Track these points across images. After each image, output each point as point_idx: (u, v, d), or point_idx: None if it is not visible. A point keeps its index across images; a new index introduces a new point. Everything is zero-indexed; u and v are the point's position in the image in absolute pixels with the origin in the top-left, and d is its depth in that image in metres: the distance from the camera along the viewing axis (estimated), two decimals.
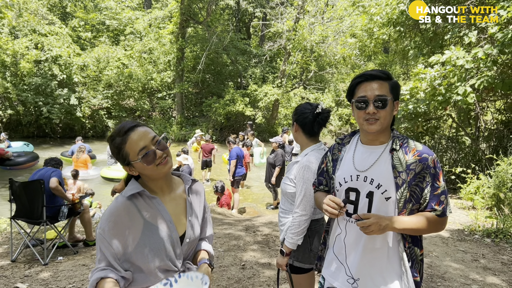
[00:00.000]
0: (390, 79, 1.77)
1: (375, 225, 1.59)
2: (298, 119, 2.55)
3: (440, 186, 1.70)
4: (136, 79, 21.94)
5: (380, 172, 1.74)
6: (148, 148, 1.56)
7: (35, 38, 19.38)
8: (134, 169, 1.60)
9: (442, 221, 1.73)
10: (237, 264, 4.62)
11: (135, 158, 1.55)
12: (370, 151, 1.82)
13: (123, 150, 1.57)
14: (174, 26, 22.58)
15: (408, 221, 1.66)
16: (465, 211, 7.40)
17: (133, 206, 1.58)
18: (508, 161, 7.05)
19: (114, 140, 1.59)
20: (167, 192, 1.72)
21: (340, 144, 2.00)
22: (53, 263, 4.87)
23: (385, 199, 1.72)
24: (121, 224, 1.54)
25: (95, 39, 25.31)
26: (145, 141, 1.56)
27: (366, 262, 1.78)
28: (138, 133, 1.57)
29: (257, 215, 8.50)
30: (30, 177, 5.31)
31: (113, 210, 1.55)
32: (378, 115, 1.72)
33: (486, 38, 7.83)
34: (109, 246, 1.52)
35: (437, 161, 1.71)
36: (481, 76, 6.75)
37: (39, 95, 18.95)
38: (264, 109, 23.19)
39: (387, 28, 10.01)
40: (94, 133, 22.08)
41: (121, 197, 1.59)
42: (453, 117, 10.27)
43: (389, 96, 1.73)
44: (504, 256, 5.02)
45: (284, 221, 2.55)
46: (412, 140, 1.79)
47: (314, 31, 21.54)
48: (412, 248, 1.75)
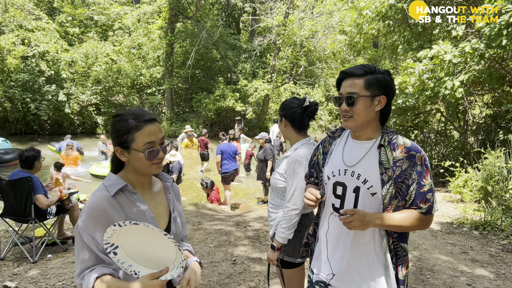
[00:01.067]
0: (371, 74, 1.73)
1: (357, 221, 1.58)
2: (286, 114, 2.53)
3: (426, 184, 1.68)
4: (125, 74, 21.77)
5: (367, 167, 1.74)
6: (154, 145, 1.55)
7: (21, 33, 19.12)
8: (128, 155, 1.57)
9: (427, 219, 1.72)
10: (228, 260, 4.63)
11: (139, 148, 1.53)
12: (359, 146, 1.82)
13: (132, 134, 1.53)
14: (163, 21, 22.43)
15: (392, 218, 1.66)
16: (454, 204, 7.48)
17: (115, 201, 1.54)
18: (496, 154, 7.14)
19: (127, 120, 1.55)
20: (147, 189, 1.70)
21: (331, 137, 2.00)
22: (42, 261, 4.82)
23: (371, 194, 1.72)
24: (104, 220, 1.49)
25: (83, 34, 25.03)
26: (156, 138, 1.56)
27: (348, 257, 1.78)
28: (153, 128, 1.56)
29: (248, 210, 8.51)
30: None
31: (94, 206, 1.50)
32: (351, 112, 1.73)
33: (473, 32, 7.89)
34: (95, 242, 1.48)
35: (424, 158, 1.70)
36: (468, 71, 6.81)
37: (26, 91, 18.72)
38: (254, 104, 23.19)
39: (376, 23, 10.04)
40: (83, 129, 21.91)
41: (102, 192, 1.55)
42: (442, 111, 10.35)
43: (361, 93, 1.71)
44: (491, 248, 5.09)
45: (273, 216, 2.55)
46: (401, 136, 1.78)
47: (303, 26, 21.55)
48: (397, 244, 1.75)
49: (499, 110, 9.88)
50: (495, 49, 6.16)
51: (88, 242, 1.48)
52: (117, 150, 1.59)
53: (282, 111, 2.57)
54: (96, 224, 1.48)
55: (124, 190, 1.58)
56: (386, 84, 1.73)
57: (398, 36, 10.80)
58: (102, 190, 1.55)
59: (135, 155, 1.54)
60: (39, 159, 5.11)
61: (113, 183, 1.57)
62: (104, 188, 1.56)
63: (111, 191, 1.54)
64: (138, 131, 1.53)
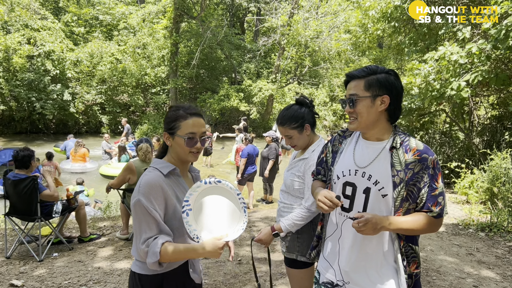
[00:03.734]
0: (373, 75, 1.74)
1: (370, 227, 1.57)
2: (304, 119, 2.49)
3: (438, 187, 1.68)
4: (129, 74, 21.76)
5: (379, 169, 1.74)
6: (195, 136, 1.78)
7: (27, 33, 19.14)
8: (172, 141, 1.81)
9: (438, 222, 1.72)
10: (234, 260, 4.63)
11: (182, 135, 1.76)
12: (370, 146, 1.81)
13: (179, 122, 1.78)
14: (168, 21, 22.42)
15: (404, 221, 1.66)
16: (460, 206, 7.46)
17: (167, 181, 1.75)
18: (502, 155, 7.11)
19: (178, 110, 1.81)
20: (185, 176, 1.94)
21: (341, 136, 1.99)
22: (48, 259, 4.85)
23: (382, 196, 1.72)
24: (161, 195, 1.69)
25: (88, 34, 25.05)
26: (197, 130, 1.79)
27: (356, 258, 1.78)
28: (197, 121, 1.80)
29: (253, 210, 8.51)
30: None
31: (152, 182, 1.69)
32: (355, 114, 1.76)
33: (479, 33, 7.86)
34: (156, 212, 1.65)
35: (436, 162, 1.70)
36: (475, 71, 6.78)
37: (32, 90, 18.74)
38: (258, 105, 23.16)
39: (382, 23, 10.01)
40: (88, 128, 21.95)
41: (156, 171, 1.75)
42: (447, 112, 10.32)
43: (361, 94, 1.73)
44: (498, 250, 5.07)
45: (287, 216, 2.55)
46: (414, 138, 1.77)
47: (308, 26, 21.51)
48: (408, 246, 1.75)
49: (505, 111, 9.84)
50: (501, 50, 6.14)
51: (153, 213, 1.65)
52: (164, 135, 1.84)
53: (297, 120, 2.49)
54: (156, 199, 1.67)
55: (173, 173, 1.82)
56: (388, 83, 1.73)
57: (403, 37, 10.78)
58: (154, 170, 1.76)
59: (178, 140, 1.78)
60: (34, 158, 5.12)
61: (164, 165, 1.80)
62: (156, 169, 1.77)
63: (164, 171, 1.76)
64: (185, 120, 1.78)
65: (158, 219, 1.65)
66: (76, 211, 5.56)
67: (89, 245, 5.39)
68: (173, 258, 1.65)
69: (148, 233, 1.65)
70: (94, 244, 5.40)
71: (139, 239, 1.66)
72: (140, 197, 1.65)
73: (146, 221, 1.65)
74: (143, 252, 1.64)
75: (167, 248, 1.63)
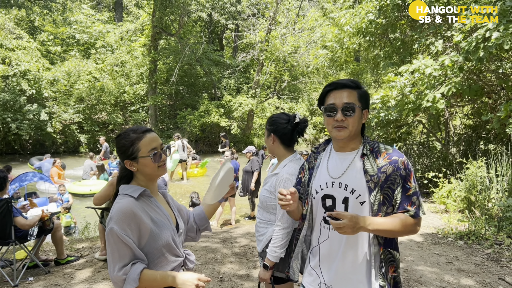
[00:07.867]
0: (359, 88, 1.83)
1: (348, 226, 1.58)
2: (275, 130, 2.51)
3: (411, 187, 1.73)
4: (108, 92, 21.57)
5: (353, 177, 1.78)
6: (157, 149, 1.81)
7: (2, 53, 18.84)
8: (137, 165, 1.79)
9: (416, 222, 1.75)
10: (215, 277, 4.57)
11: (146, 154, 1.77)
12: (343, 157, 1.86)
13: (136, 145, 1.78)
14: (146, 39, 22.42)
15: (382, 222, 1.68)
16: (438, 215, 7.56)
17: (139, 205, 1.74)
18: (477, 164, 7.26)
19: (128, 136, 1.80)
20: (155, 194, 1.92)
21: (315, 152, 2.04)
22: (24, 284, 4.68)
23: (360, 203, 1.76)
24: (135, 221, 1.68)
25: (65, 53, 24.78)
26: (156, 144, 1.81)
27: (338, 267, 1.80)
28: (152, 136, 1.83)
29: (235, 226, 8.44)
30: None
31: (124, 209, 1.67)
32: (346, 123, 1.77)
33: (451, 46, 8.08)
34: (129, 239, 1.64)
35: (407, 162, 1.75)
36: (449, 83, 6.95)
37: (7, 111, 18.33)
38: (239, 120, 23.21)
39: (357, 38, 10.21)
40: (66, 148, 21.55)
41: (127, 197, 1.74)
42: (424, 123, 10.52)
43: (357, 104, 1.79)
44: (476, 258, 5.14)
45: (263, 231, 2.53)
46: (382, 144, 1.84)
47: (286, 42, 21.80)
48: (388, 252, 1.77)
49: (479, 121, 10.09)
50: (473, 62, 6.31)
51: (127, 241, 1.63)
52: (126, 163, 1.81)
53: (270, 126, 2.55)
54: (130, 225, 1.66)
55: (143, 195, 1.80)
56: (368, 98, 1.86)
57: (379, 50, 11.00)
58: (125, 197, 1.74)
59: (143, 161, 1.78)
60: (8, 180, 4.98)
61: (133, 189, 1.78)
62: (126, 195, 1.75)
63: (134, 195, 1.74)
64: (140, 141, 1.78)
65: (132, 246, 1.65)
66: (52, 233, 5.40)
67: (67, 267, 5.23)
68: (149, 285, 1.67)
69: (124, 260, 1.65)
70: (71, 267, 5.25)
71: (113, 267, 1.65)
72: (113, 225, 1.65)
73: (121, 249, 1.65)
74: (120, 279, 1.63)
75: (146, 274, 1.66)
